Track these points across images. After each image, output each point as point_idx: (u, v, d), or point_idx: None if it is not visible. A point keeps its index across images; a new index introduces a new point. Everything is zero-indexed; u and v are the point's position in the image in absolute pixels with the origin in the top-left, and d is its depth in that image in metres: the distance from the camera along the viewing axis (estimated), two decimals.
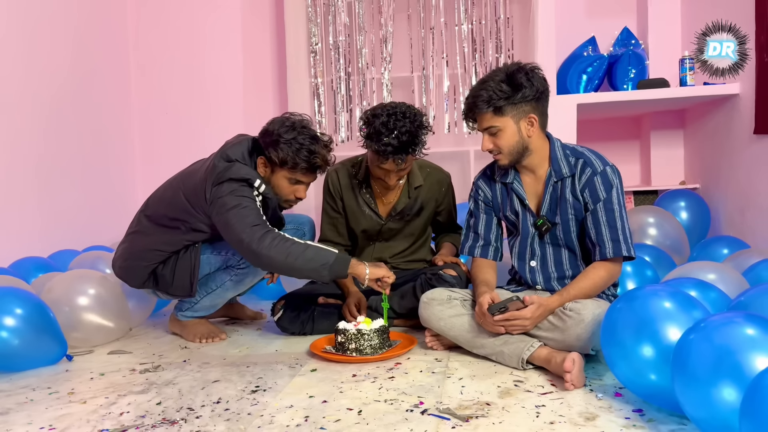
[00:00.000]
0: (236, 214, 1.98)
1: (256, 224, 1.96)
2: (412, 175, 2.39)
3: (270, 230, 1.96)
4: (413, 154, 2.18)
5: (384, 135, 2.12)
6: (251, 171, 2.08)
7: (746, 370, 1.09)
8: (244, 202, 2.00)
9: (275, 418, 1.49)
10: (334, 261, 1.93)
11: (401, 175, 2.28)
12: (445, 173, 2.50)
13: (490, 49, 3.48)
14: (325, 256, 1.94)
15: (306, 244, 1.94)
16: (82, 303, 2.18)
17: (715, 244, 2.75)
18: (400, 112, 2.16)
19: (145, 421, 1.50)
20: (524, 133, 1.87)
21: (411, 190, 2.39)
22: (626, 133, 3.90)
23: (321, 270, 1.93)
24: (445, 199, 2.49)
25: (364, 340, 1.94)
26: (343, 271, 1.95)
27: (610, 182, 1.86)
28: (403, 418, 1.46)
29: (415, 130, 2.14)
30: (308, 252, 1.92)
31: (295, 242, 1.94)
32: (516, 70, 1.85)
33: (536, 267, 1.99)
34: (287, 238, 1.95)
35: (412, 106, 2.23)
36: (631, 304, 1.47)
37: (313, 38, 3.58)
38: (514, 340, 1.81)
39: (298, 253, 1.91)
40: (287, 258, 1.92)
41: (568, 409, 1.47)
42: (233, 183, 2.03)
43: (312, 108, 3.59)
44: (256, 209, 2.01)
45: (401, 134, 2.11)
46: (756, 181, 2.88)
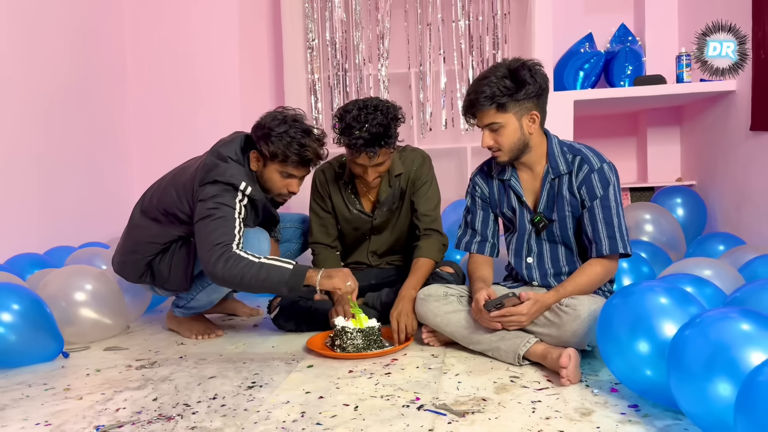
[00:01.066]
0: (205, 227, 1.98)
1: (218, 243, 1.93)
2: (393, 163, 2.34)
3: (226, 251, 1.92)
4: (387, 147, 2.15)
5: (355, 129, 2.11)
6: (239, 172, 2.06)
7: (741, 366, 1.09)
8: (217, 212, 1.98)
9: (271, 413, 1.49)
10: (289, 277, 1.91)
11: (380, 171, 2.23)
12: (421, 151, 2.43)
13: (487, 45, 3.47)
14: (280, 273, 1.91)
15: (260, 264, 1.91)
16: (79, 299, 2.18)
17: (711, 240, 2.76)
18: (372, 105, 2.15)
19: (141, 417, 1.50)
20: (525, 130, 1.87)
21: (392, 179, 2.36)
22: (623, 129, 3.91)
23: (278, 287, 1.92)
24: (418, 176, 2.36)
25: (347, 338, 1.94)
26: (299, 286, 1.93)
27: (607, 179, 1.86)
28: (400, 413, 1.46)
29: (387, 123, 2.12)
30: (261, 272, 1.89)
31: (249, 263, 1.91)
32: (519, 66, 1.83)
33: (533, 263, 2.00)
34: (241, 259, 1.91)
35: (386, 101, 2.21)
36: (626, 300, 1.48)
37: (310, 34, 3.57)
38: (511, 336, 1.81)
39: (251, 275, 1.89)
40: (242, 280, 1.91)
41: (564, 405, 1.47)
42: (216, 186, 2.02)
43: (308, 104, 3.58)
44: (229, 219, 1.98)
45: (372, 127, 2.09)
46: (752, 177, 2.88)
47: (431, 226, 2.34)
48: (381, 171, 2.23)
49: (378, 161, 2.17)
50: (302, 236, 2.61)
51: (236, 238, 1.96)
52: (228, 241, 1.94)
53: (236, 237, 1.97)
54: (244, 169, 2.10)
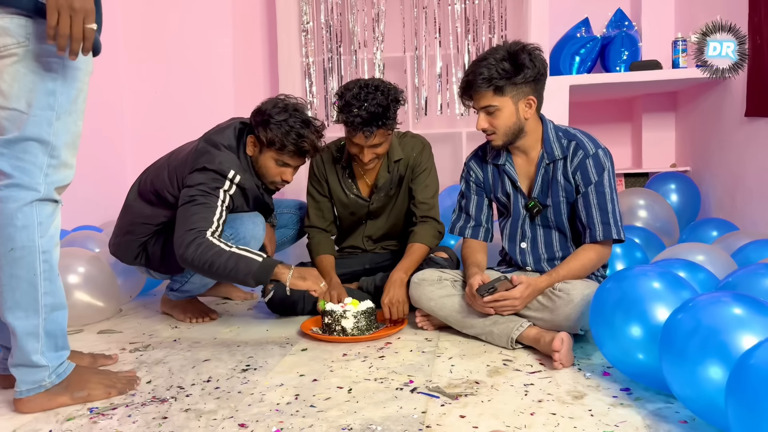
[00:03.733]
0: (184, 211, 1.96)
1: (192, 228, 1.92)
2: (392, 149, 2.33)
3: (198, 237, 1.90)
4: (384, 128, 2.14)
5: (354, 107, 2.10)
6: (229, 159, 2.04)
7: (732, 349, 1.10)
8: (200, 198, 1.96)
9: (265, 396, 1.50)
10: (257, 270, 1.88)
11: (376, 153, 2.21)
12: (422, 138, 2.43)
13: (483, 29, 3.45)
14: (248, 264, 1.88)
15: (230, 253, 1.88)
16: (72, 281, 2.18)
17: (705, 226, 2.77)
18: (373, 85, 2.14)
19: (134, 400, 1.50)
20: (522, 114, 1.86)
21: (390, 164, 2.36)
22: (618, 115, 3.90)
23: (245, 278, 1.89)
24: (418, 163, 2.36)
25: (350, 321, 1.95)
26: (266, 279, 1.90)
27: (602, 165, 1.86)
28: (393, 396, 1.47)
29: (387, 104, 2.11)
30: (230, 261, 1.87)
31: (219, 251, 1.88)
32: (519, 49, 1.82)
33: (527, 248, 2.00)
34: (212, 246, 1.88)
35: (389, 82, 2.20)
36: (619, 284, 1.48)
37: (305, 17, 3.54)
38: (504, 320, 1.82)
39: (220, 263, 1.87)
40: (210, 267, 1.88)
41: (556, 388, 1.48)
42: (204, 173, 2.01)
43: (303, 88, 3.56)
44: (211, 206, 1.96)
45: (371, 106, 2.08)
46: (746, 163, 2.89)
47: (428, 214, 2.33)
48: (378, 153, 2.22)
49: (374, 142, 2.16)
50: (298, 222, 2.60)
51: (214, 225, 1.94)
52: (204, 228, 1.92)
53: (214, 224, 1.95)
54: (236, 157, 2.08)
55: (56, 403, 1.46)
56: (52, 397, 1.45)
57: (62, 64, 1.34)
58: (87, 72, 1.42)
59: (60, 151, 1.38)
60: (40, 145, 1.35)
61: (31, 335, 1.39)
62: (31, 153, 1.35)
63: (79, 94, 1.41)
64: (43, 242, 1.38)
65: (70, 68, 1.36)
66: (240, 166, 2.07)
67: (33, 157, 1.35)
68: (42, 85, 1.33)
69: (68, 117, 1.38)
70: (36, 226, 1.37)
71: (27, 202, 1.35)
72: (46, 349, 1.42)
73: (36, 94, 1.33)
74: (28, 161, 1.35)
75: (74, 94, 1.39)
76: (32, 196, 1.36)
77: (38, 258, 1.38)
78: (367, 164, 2.24)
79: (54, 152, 1.37)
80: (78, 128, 1.43)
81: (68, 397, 1.47)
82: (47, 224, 1.39)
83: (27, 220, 1.36)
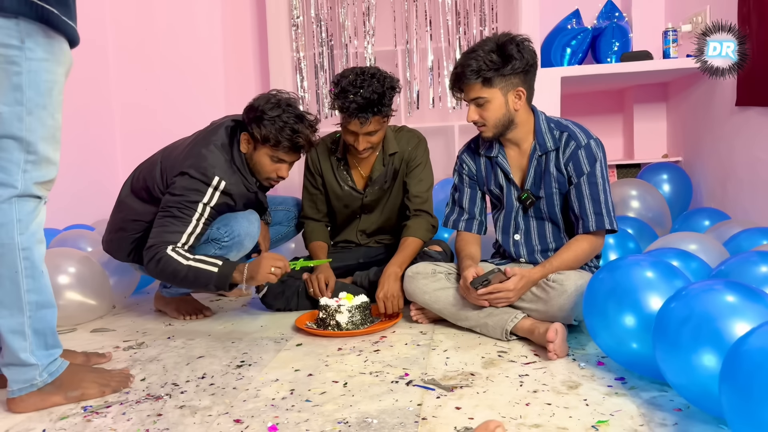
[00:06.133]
0: (158, 221, 1.99)
1: (154, 243, 1.94)
2: (387, 142, 2.35)
3: (158, 253, 1.91)
4: (379, 116, 2.15)
5: (350, 93, 2.11)
6: (217, 163, 2.02)
7: (726, 337, 1.11)
8: (175, 211, 1.97)
9: (261, 391, 1.49)
10: (216, 279, 1.90)
11: (371, 142, 2.21)
12: (417, 132, 2.44)
13: (474, 21, 3.45)
14: (206, 276, 1.90)
15: (188, 267, 1.89)
16: (63, 281, 2.16)
17: (697, 215, 2.78)
18: (370, 73, 2.15)
19: (129, 397, 1.50)
20: (511, 106, 1.86)
21: (386, 158, 2.36)
22: (610, 106, 3.91)
23: (207, 288, 1.95)
24: (413, 157, 2.36)
25: (345, 316, 1.95)
26: (225, 286, 1.93)
27: (594, 156, 1.86)
28: (389, 389, 1.47)
29: (383, 91, 2.12)
30: (189, 274, 1.89)
31: (176, 267, 1.89)
32: (507, 41, 1.82)
33: (520, 240, 2.00)
34: (171, 262, 1.89)
35: (385, 71, 2.21)
36: (613, 274, 1.49)
37: (295, 11, 3.52)
38: (498, 312, 1.82)
39: (181, 277, 1.90)
40: (173, 280, 1.95)
41: (551, 378, 1.49)
42: (188, 179, 2.00)
43: (294, 82, 3.55)
44: (184, 219, 1.96)
45: (366, 92, 2.09)
46: (737, 153, 2.90)
47: (422, 207, 2.33)
48: (372, 141, 2.22)
49: (370, 129, 2.16)
50: (294, 219, 2.59)
51: (183, 239, 1.95)
52: (168, 241, 1.93)
53: (183, 238, 1.95)
54: (228, 158, 2.07)
55: (49, 402, 1.45)
56: (45, 396, 1.44)
57: (25, 57, 1.30)
58: (60, 63, 1.37)
59: (37, 147, 1.34)
60: (14, 142, 1.32)
61: (16, 333, 1.38)
62: (6, 150, 1.32)
63: (53, 87, 1.36)
64: (23, 239, 1.36)
65: (35, 60, 1.31)
66: (228, 170, 2.04)
67: (8, 155, 1.32)
68: (6, 80, 1.29)
69: (42, 111, 1.34)
70: (15, 223, 1.35)
71: (4, 199, 1.33)
72: (36, 348, 1.41)
73: (1, 90, 1.30)
74: (4, 158, 1.33)
75: (45, 86, 1.34)
76: (9, 193, 1.34)
77: (18, 255, 1.36)
78: (362, 153, 2.24)
79: (30, 148, 1.34)
80: (56, 121, 1.38)
81: (62, 396, 1.46)
82: (27, 221, 1.37)
83: (5, 217, 1.34)
